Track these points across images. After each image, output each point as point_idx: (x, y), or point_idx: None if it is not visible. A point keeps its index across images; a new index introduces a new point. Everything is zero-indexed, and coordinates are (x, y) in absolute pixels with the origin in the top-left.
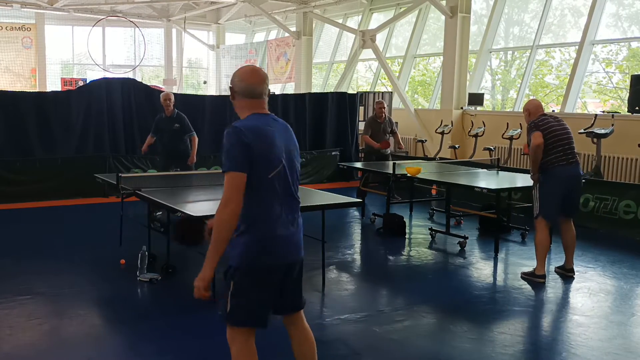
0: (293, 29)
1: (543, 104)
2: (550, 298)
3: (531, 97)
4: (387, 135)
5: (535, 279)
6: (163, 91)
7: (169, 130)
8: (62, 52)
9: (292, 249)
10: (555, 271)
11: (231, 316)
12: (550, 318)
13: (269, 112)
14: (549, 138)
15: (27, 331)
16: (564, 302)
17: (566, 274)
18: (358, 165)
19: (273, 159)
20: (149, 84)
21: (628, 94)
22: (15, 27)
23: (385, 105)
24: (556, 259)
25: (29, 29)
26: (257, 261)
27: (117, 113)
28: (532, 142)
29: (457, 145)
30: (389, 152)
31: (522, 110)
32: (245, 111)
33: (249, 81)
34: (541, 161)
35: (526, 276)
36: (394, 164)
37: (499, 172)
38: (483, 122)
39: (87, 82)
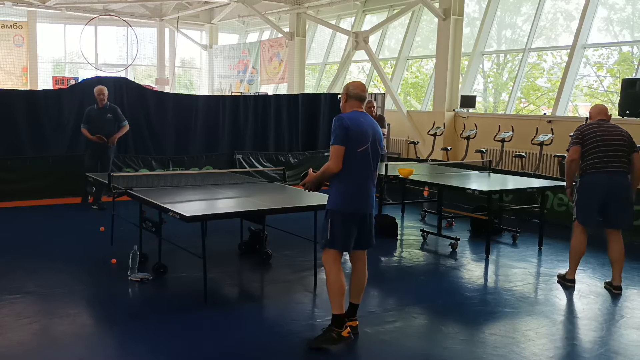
0: (286, 29)
1: (534, 106)
2: (540, 300)
3: (597, 102)
4: None
5: (566, 283)
6: (154, 89)
7: (101, 120)
8: (54, 51)
9: (366, 202)
10: (605, 287)
11: (329, 242)
12: (541, 320)
13: (364, 111)
14: (588, 144)
15: (16, 330)
16: (554, 304)
17: (613, 291)
18: None
19: (362, 140)
20: (141, 83)
21: (619, 98)
22: (6, 25)
23: (375, 105)
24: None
25: (20, 27)
26: (343, 207)
27: None
28: (567, 156)
29: (449, 147)
30: (385, 152)
31: (514, 113)
32: (351, 108)
33: (360, 90)
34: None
35: (559, 278)
36: (386, 165)
37: (491, 174)
38: (475, 125)
39: (79, 80)
